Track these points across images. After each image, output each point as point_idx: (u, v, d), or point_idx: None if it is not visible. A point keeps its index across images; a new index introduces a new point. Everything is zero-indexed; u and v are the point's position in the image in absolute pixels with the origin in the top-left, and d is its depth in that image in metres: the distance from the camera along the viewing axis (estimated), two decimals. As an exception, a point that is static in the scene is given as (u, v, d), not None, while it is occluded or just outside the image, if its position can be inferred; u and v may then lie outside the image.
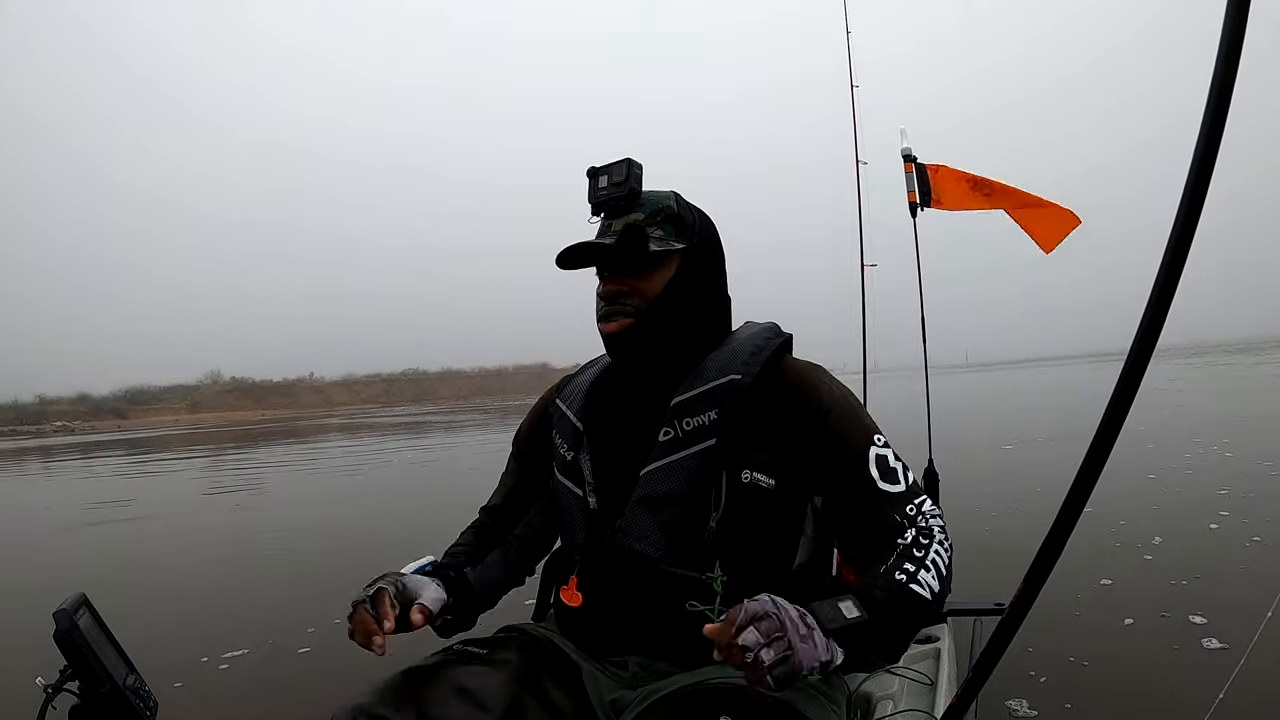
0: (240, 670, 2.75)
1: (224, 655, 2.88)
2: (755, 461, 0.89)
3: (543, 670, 0.92)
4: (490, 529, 1.09)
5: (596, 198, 0.95)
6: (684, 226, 0.96)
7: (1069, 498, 0.66)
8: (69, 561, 5.09)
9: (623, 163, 0.94)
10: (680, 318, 0.95)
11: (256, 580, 4.24)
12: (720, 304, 1.01)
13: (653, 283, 0.94)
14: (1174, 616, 2.59)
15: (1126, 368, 0.60)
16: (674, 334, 0.95)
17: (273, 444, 19.04)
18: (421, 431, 20.28)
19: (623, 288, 0.94)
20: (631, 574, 0.91)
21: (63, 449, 25.09)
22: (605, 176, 0.95)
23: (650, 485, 0.90)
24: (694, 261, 0.96)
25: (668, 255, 0.94)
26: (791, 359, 0.98)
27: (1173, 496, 4.63)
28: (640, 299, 0.94)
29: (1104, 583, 3.01)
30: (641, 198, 0.96)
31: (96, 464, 15.06)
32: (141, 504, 8.11)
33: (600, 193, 0.95)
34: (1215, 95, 0.53)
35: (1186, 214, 0.55)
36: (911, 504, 0.88)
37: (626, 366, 1.00)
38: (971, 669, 0.73)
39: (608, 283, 0.95)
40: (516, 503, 1.09)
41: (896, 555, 0.83)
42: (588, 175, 0.97)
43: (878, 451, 0.90)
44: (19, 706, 1.20)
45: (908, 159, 2.73)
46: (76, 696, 0.84)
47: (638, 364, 0.97)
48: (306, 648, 2.95)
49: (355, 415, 49.61)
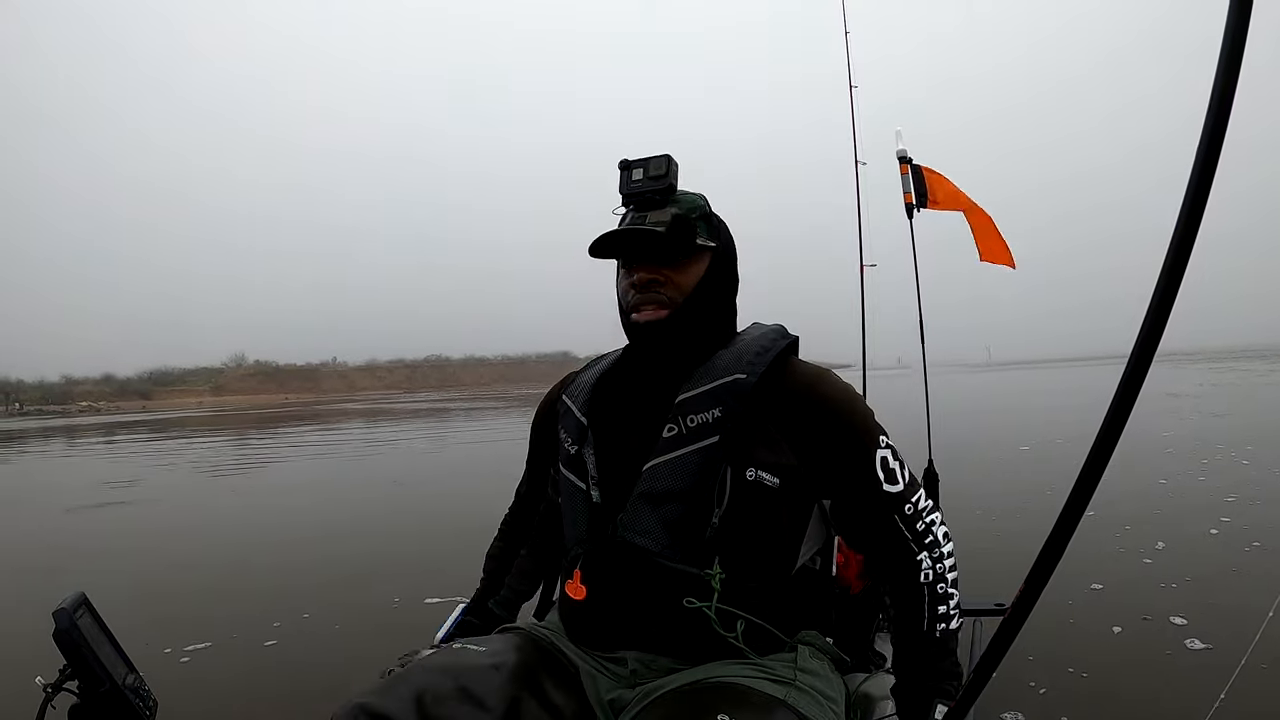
0: (202, 662, 2.77)
1: (186, 648, 2.89)
2: (760, 460, 0.90)
3: (542, 670, 0.92)
4: (519, 519, 1.22)
5: (630, 189, 0.95)
6: (713, 227, 0.99)
7: (1070, 500, 0.66)
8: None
9: (663, 158, 0.95)
10: (707, 314, 0.97)
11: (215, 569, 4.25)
12: (734, 305, 1.03)
13: (688, 276, 0.95)
14: (1155, 619, 2.60)
15: (1127, 371, 0.60)
16: (700, 329, 0.97)
17: (286, 428, 19.06)
18: (442, 419, 20.29)
19: (658, 277, 0.94)
20: (632, 568, 0.91)
21: (89, 429, 25.14)
22: (641, 169, 0.95)
23: (652, 480, 0.90)
24: (721, 261, 0.98)
25: (703, 251, 0.97)
26: (799, 361, 0.99)
27: (1179, 501, 4.66)
28: (676, 291, 0.95)
29: (1094, 587, 3.03)
30: (676, 194, 0.97)
31: (92, 446, 15.05)
32: (130, 490, 8.07)
33: (635, 185, 0.95)
34: (1216, 102, 0.53)
35: (1188, 217, 0.55)
36: (909, 502, 0.93)
37: (650, 357, 0.99)
38: (972, 670, 0.73)
39: (641, 271, 0.95)
40: (539, 486, 1.17)
41: (929, 600, 0.92)
42: (620, 167, 0.96)
43: (882, 454, 0.93)
44: (20, 706, 1.20)
45: (903, 160, 2.76)
46: (76, 696, 0.84)
47: (661, 356, 0.98)
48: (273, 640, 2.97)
49: (377, 400, 49.53)
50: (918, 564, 0.92)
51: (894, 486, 0.92)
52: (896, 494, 0.92)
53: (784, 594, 0.95)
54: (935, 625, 0.91)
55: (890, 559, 0.93)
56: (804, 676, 0.89)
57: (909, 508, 0.92)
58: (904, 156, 2.75)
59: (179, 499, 7.59)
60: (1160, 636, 2.49)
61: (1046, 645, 2.40)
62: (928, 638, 0.91)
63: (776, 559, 0.94)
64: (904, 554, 0.92)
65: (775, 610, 0.93)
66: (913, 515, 0.93)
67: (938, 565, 0.93)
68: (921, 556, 0.92)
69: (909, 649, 0.92)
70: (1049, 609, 2.67)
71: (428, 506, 6.21)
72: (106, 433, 22.49)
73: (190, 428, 22.92)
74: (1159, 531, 3.85)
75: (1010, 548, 3.60)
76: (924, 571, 0.92)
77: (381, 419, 22.24)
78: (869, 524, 0.94)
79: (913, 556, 0.92)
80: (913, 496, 0.93)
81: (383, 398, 61.33)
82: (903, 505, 0.92)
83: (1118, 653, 2.40)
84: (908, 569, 0.92)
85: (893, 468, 0.93)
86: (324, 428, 19.02)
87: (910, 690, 0.91)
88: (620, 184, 0.96)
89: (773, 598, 0.93)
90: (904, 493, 0.93)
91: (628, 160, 0.96)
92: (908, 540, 0.92)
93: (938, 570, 0.92)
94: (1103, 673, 2.24)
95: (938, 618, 0.91)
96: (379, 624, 3.13)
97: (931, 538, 0.93)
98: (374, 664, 0.89)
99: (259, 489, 8.29)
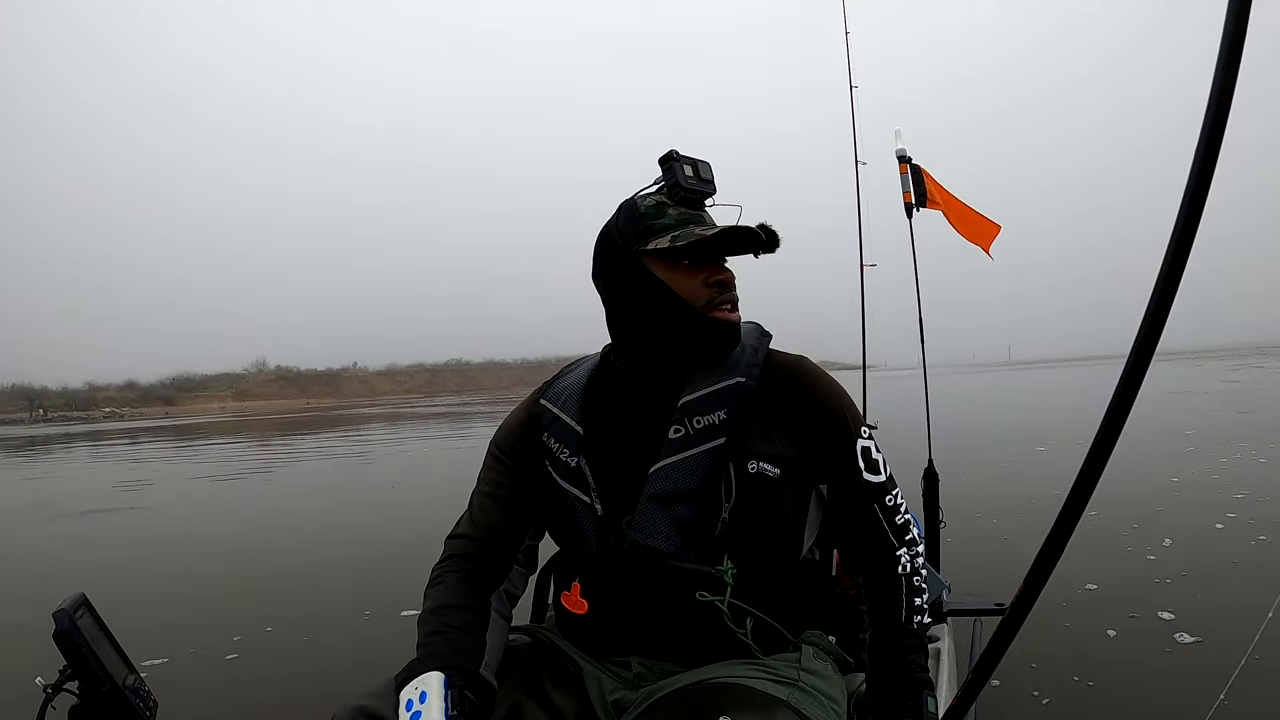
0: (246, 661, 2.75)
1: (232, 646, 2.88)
2: (759, 452, 0.91)
3: (544, 672, 0.92)
4: (481, 564, 0.96)
5: (688, 184, 0.93)
6: None
7: (1069, 500, 0.66)
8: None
9: (706, 162, 0.96)
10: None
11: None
12: None
13: (735, 281, 0.97)
14: (1144, 615, 2.60)
15: (1126, 371, 0.60)
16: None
17: (303, 434, 19.01)
18: (463, 422, 20.18)
19: (733, 280, 0.96)
20: (643, 571, 0.91)
21: (114, 433, 24.99)
22: (691, 167, 0.94)
23: (660, 482, 0.90)
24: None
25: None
26: (778, 352, 1.00)
27: (1187, 497, 4.65)
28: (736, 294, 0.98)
29: (1089, 587, 3.03)
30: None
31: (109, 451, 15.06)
32: (122, 498, 8.07)
33: (690, 181, 0.94)
34: (1215, 102, 0.53)
35: (1186, 218, 0.55)
36: (890, 494, 0.96)
37: (639, 361, 0.97)
38: (972, 670, 0.74)
39: (724, 273, 0.95)
40: (516, 517, 0.98)
41: (906, 591, 0.94)
42: (670, 159, 0.94)
43: (863, 443, 0.95)
44: (20, 704, 1.19)
45: (902, 160, 2.75)
46: (76, 696, 0.84)
47: (696, 359, 0.96)
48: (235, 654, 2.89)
49: (398, 405, 49.25)
50: (897, 557, 0.94)
51: (875, 477, 0.95)
52: (878, 484, 0.95)
53: (790, 588, 0.96)
54: (912, 617, 0.93)
55: (870, 549, 0.96)
56: (807, 677, 0.89)
57: (890, 499, 0.95)
58: (903, 156, 2.75)
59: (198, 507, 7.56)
60: (1156, 634, 2.49)
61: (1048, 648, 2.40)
62: (905, 629, 0.93)
63: (783, 549, 0.95)
64: (883, 545, 0.95)
65: (782, 607, 0.94)
66: (893, 508, 0.95)
67: (915, 560, 0.96)
68: (900, 550, 0.95)
69: (886, 640, 0.93)
70: (1047, 610, 2.66)
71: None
72: (128, 438, 22.38)
73: (209, 434, 22.79)
74: (1167, 529, 3.85)
75: (1016, 549, 3.60)
76: (902, 564, 0.94)
77: (401, 423, 22.18)
78: (851, 512, 0.96)
79: (892, 550, 0.95)
80: (893, 489, 0.96)
81: (403, 401, 61.13)
82: (884, 496, 0.95)
83: (1116, 651, 2.40)
84: (886, 560, 0.95)
85: (875, 458, 0.96)
86: (345, 430, 18.94)
87: (892, 682, 0.91)
88: (677, 174, 0.93)
89: (780, 592, 0.94)
90: (885, 484, 0.95)
91: (677, 153, 0.94)
92: (887, 532, 0.95)
93: (915, 564, 0.95)
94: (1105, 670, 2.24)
95: (914, 609, 0.94)
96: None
97: (909, 534, 0.96)
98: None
99: (283, 494, 8.26)
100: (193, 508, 7.26)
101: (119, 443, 19.47)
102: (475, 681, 0.83)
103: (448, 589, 0.92)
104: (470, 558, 0.96)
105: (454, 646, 0.85)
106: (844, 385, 1.00)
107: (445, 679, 0.79)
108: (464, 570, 0.95)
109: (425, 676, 0.79)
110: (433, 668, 0.80)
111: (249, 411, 45.50)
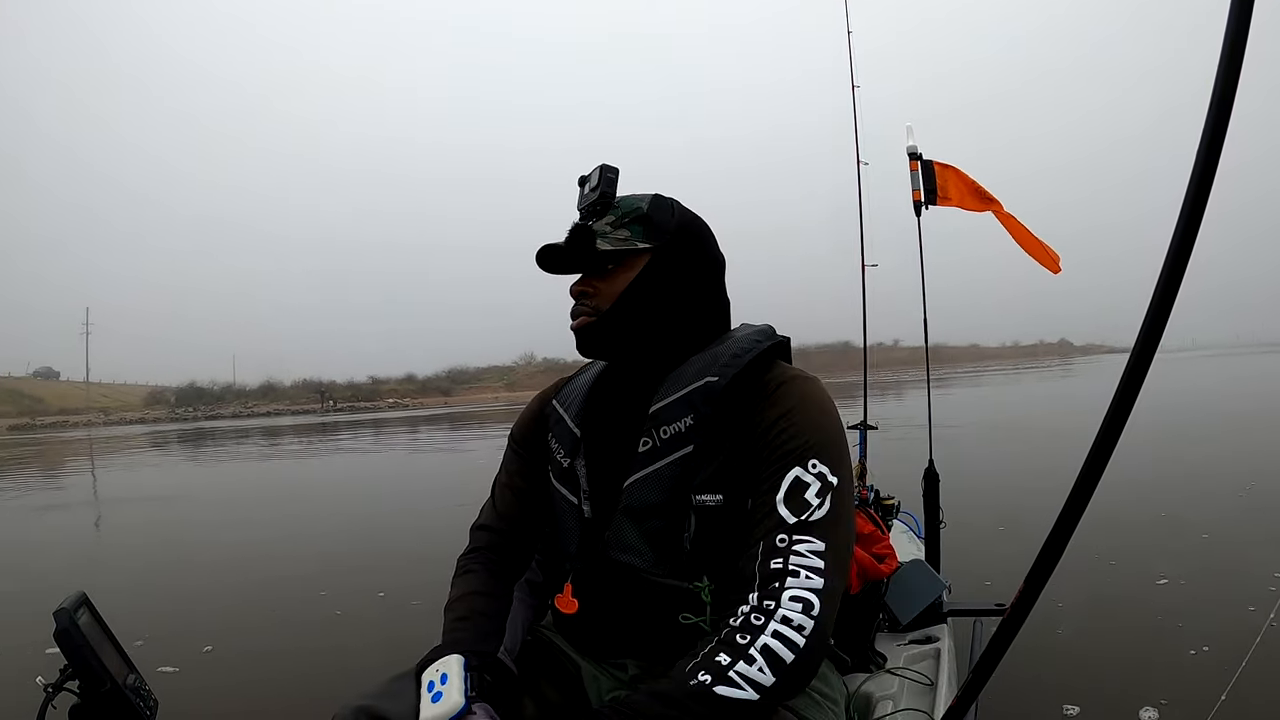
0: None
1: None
2: (703, 481, 0.86)
3: (543, 670, 0.92)
4: (504, 554, 1.00)
5: (578, 205, 0.97)
6: (653, 227, 0.94)
7: (1069, 501, 0.66)
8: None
9: (598, 169, 0.95)
10: (643, 318, 0.93)
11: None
12: (705, 305, 0.97)
13: (615, 283, 0.94)
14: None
15: (1127, 371, 0.60)
16: (637, 334, 0.94)
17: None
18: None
19: (587, 288, 0.95)
20: (622, 585, 0.90)
21: (395, 422, 24.94)
22: (587, 183, 0.96)
23: (632, 496, 0.89)
24: (664, 262, 0.94)
25: (629, 256, 0.93)
26: (782, 364, 0.94)
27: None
28: (602, 299, 0.94)
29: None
30: (616, 201, 0.95)
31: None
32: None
33: (581, 199, 0.97)
34: (1215, 103, 0.53)
35: (1187, 219, 0.55)
36: (791, 537, 0.78)
37: (614, 367, 0.99)
38: (972, 670, 0.74)
39: (576, 283, 0.97)
40: (533, 508, 1.01)
41: (716, 642, 0.76)
42: (578, 184, 0.98)
43: (801, 474, 0.81)
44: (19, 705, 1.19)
45: (913, 156, 2.66)
46: (77, 696, 0.84)
47: (615, 362, 0.98)
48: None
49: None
50: (742, 598, 0.77)
51: (787, 511, 0.79)
52: (781, 519, 0.79)
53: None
54: (696, 672, 0.73)
55: (730, 578, 0.81)
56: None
57: (783, 540, 0.78)
58: (914, 152, 2.67)
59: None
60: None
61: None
62: (677, 676, 0.74)
63: None
64: (741, 580, 0.79)
65: None
66: (781, 550, 0.77)
67: (759, 620, 0.75)
68: (751, 594, 0.77)
69: (659, 693, 0.74)
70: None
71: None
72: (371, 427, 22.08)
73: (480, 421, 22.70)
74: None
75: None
76: (739, 613, 0.77)
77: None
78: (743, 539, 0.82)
79: (745, 589, 0.78)
80: (801, 536, 0.78)
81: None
82: (779, 533, 0.78)
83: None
84: (732, 599, 0.79)
85: (806, 497, 0.80)
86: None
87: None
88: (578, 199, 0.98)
89: None
90: (792, 525, 0.78)
91: (583, 176, 0.98)
92: (754, 566, 0.78)
93: (755, 624, 0.74)
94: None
95: (710, 667, 0.73)
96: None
97: (778, 588, 0.76)
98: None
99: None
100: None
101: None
102: (494, 665, 0.86)
103: (472, 578, 0.97)
104: (494, 548, 1.00)
105: (475, 632, 0.88)
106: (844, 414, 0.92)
107: (465, 661, 0.82)
108: (488, 561, 0.99)
109: (446, 659, 0.82)
110: (454, 652, 0.83)
111: (519, 400, 46.45)
